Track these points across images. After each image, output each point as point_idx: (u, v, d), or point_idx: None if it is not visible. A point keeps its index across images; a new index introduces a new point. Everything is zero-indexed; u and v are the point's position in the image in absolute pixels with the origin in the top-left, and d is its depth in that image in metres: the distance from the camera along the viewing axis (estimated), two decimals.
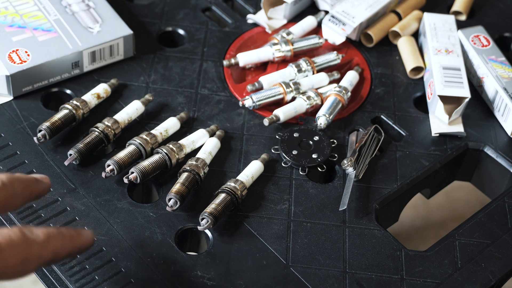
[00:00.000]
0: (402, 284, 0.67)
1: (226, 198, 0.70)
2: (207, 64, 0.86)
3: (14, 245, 0.53)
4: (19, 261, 0.53)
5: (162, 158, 0.73)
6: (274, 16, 0.92)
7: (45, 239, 0.55)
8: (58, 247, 0.56)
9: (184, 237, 0.70)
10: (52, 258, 0.56)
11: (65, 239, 0.57)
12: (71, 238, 0.57)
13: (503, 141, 0.81)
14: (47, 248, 0.55)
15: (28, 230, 0.55)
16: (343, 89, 0.81)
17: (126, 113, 0.77)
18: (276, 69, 0.86)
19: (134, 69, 0.84)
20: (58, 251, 0.56)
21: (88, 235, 0.59)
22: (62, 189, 0.71)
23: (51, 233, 0.56)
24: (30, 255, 0.54)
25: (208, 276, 0.66)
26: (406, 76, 0.88)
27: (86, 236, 0.59)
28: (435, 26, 0.89)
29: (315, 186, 0.75)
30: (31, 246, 0.54)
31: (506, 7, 0.98)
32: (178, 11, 0.91)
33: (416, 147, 0.80)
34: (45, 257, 0.55)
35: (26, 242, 0.54)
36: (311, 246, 0.69)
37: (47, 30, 0.81)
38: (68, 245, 0.57)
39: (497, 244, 0.71)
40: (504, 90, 0.82)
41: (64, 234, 0.57)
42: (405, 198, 0.78)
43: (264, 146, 0.78)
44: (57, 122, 0.74)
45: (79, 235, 0.58)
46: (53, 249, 0.55)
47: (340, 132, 0.80)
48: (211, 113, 0.80)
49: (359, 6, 0.90)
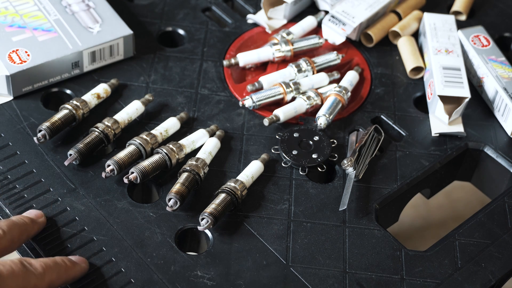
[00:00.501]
0: (402, 284, 0.67)
1: (226, 198, 0.70)
2: (207, 64, 0.86)
3: (14, 275, 0.58)
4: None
5: (162, 158, 0.72)
6: (274, 16, 0.92)
7: (42, 271, 0.60)
8: (53, 279, 0.61)
9: (184, 237, 0.70)
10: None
11: (60, 271, 0.62)
12: (66, 269, 0.62)
13: (503, 141, 0.81)
14: (43, 280, 0.60)
15: (28, 262, 0.60)
16: (343, 89, 0.81)
17: (126, 113, 0.77)
18: (276, 69, 0.86)
19: (134, 69, 0.84)
20: (53, 282, 0.61)
21: (82, 265, 0.64)
22: (62, 189, 0.71)
23: (48, 265, 0.61)
24: (28, 286, 0.59)
25: (208, 276, 0.66)
26: (406, 76, 0.88)
27: (80, 266, 0.64)
28: (435, 26, 0.89)
29: (315, 186, 0.75)
30: (29, 278, 0.59)
31: (506, 7, 0.98)
32: (178, 11, 0.91)
33: (416, 147, 0.80)
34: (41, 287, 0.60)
35: (25, 274, 0.59)
36: (311, 246, 0.69)
37: (47, 30, 0.81)
38: (63, 276, 0.62)
39: (497, 244, 0.71)
40: (504, 90, 0.82)
41: (60, 266, 0.62)
42: (405, 198, 0.78)
43: (264, 146, 0.78)
44: (57, 122, 0.74)
45: (74, 266, 0.63)
46: (48, 280, 0.61)
47: (340, 132, 0.80)
48: (211, 113, 0.80)
49: (359, 6, 0.90)
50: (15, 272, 0.58)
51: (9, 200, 0.69)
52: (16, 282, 0.58)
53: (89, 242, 0.67)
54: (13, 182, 0.71)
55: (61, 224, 0.68)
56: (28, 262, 0.60)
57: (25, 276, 0.59)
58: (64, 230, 0.68)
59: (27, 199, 0.70)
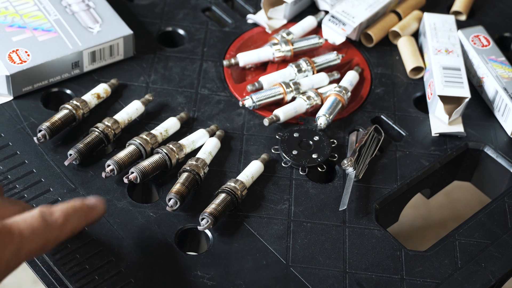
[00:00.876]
0: (402, 284, 0.67)
1: (226, 198, 0.70)
2: (207, 64, 0.86)
3: (35, 233, 0.55)
4: (40, 246, 0.56)
5: (162, 158, 0.72)
6: (274, 16, 0.92)
7: (63, 221, 0.57)
8: (75, 226, 0.58)
9: (184, 237, 0.70)
10: (69, 236, 0.58)
11: (80, 217, 0.59)
12: (85, 214, 0.60)
13: (503, 141, 0.81)
14: (65, 230, 0.57)
15: (48, 212, 0.57)
16: (343, 89, 0.81)
17: (126, 113, 0.77)
18: (276, 69, 0.86)
19: (134, 69, 0.84)
20: (74, 229, 0.58)
21: (100, 206, 0.61)
22: (62, 189, 0.71)
23: (69, 214, 0.58)
24: (50, 239, 0.56)
25: (208, 276, 0.66)
26: (406, 76, 0.88)
27: (98, 208, 0.61)
28: (435, 26, 0.89)
29: (315, 186, 0.75)
30: (50, 231, 0.56)
31: (506, 7, 0.98)
32: (178, 11, 0.91)
33: (416, 147, 0.80)
34: (63, 237, 0.58)
35: (46, 228, 0.56)
36: (311, 246, 0.69)
37: (47, 30, 0.81)
38: (83, 221, 0.59)
39: (497, 244, 0.71)
40: (504, 90, 0.82)
41: (79, 212, 0.59)
42: (405, 198, 0.78)
43: (264, 146, 0.78)
44: (57, 122, 0.74)
45: (92, 210, 0.60)
46: (70, 229, 0.58)
47: (340, 132, 0.80)
48: (211, 113, 0.80)
49: (359, 6, 0.90)
50: (35, 229, 0.55)
51: None
52: (37, 239, 0.55)
53: (89, 242, 0.67)
54: (13, 182, 0.71)
55: None
56: (48, 212, 0.57)
57: (46, 230, 0.56)
58: None
59: (27, 199, 0.70)
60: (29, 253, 0.55)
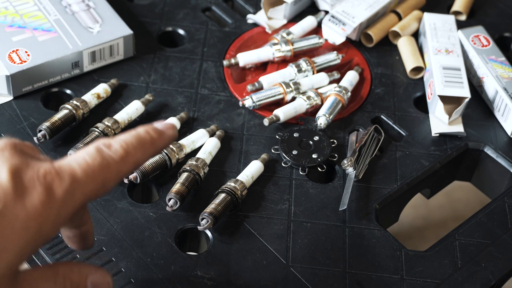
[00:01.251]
0: (402, 284, 0.67)
1: (226, 198, 0.70)
2: (207, 64, 0.86)
3: (91, 172, 0.49)
4: (98, 186, 0.50)
5: (162, 158, 0.73)
6: (274, 16, 0.92)
7: (123, 153, 0.51)
8: (139, 158, 0.52)
9: (184, 237, 0.70)
10: (133, 169, 0.52)
11: (145, 147, 0.52)
12: (152, 143, 0.53)
13: (503, 141, 0.81)
14: (127, 163, 0.51)
15: (106, 145, 0.51)
16: (343, 89, 0.81)
17: (126, 113, 0.77)
18: (276, 69, 0.86)
19: (134, 69, 0.84)
20: (138, 160, 0.52)
21: (170, 131, 0.54)
22: None
23: (130, 144, 0.51)
24: (109, 176, 0.50)
25: (208, 276, 0.66)
26: (406, 76, 0.88)
27: (167, 134, 0.54)
28: (435, 26, 0.89)
29: (315, 186, 0.75)
30: (109, 167, 0.50)
31: (506, 7, 0.98)
32: (178, 11, 0.91)
33: (416, 147, 0.80)
34: (125, 171, 0.51)
35: (103, 164, 0.50)
36: (311, 246, 0.69)
37: (47, 30, 0.81)
38: (149, 151, 0.53)
39: (497, 244, 0.71)
40: (504, 90, 0.82)
41: (144, 141, 0.52)
42: (405, 198, 0.78)
43: (264, 146, 0.78)
44: (57, 122, 0.74)
45: (160, 136, 0.53)
46: (133, 161, 0.52)
47: (340, 132, 0.80)
48: (211, 113, 0.80)
49: (359, 6, 0.90)
50: (91, 167, 0.49)
51: None
52: (94, 178, 0.49)
53: None
54: None
55: None
56: (106, 145, 0.50)
57: (104, 166, 0.50)
58: None
59: None
60: (86, 195, 0.49)
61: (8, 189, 0.47)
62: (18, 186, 0.47)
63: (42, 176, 0.48)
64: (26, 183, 0.47)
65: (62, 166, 0.49)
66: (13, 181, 0.47)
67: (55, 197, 0.48)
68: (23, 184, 0.47)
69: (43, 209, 0.47)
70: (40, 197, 0.47)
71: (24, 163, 0.48)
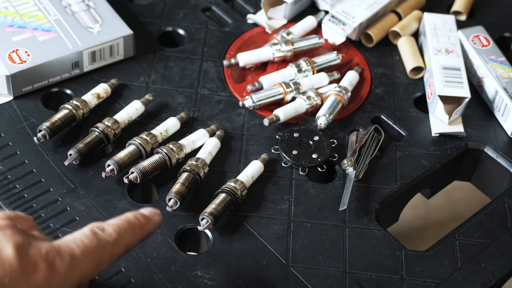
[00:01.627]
0: (402, 284, 0.67)
1: (226, 198, 0.70)
2: (207, 64, 0.86)
3: (88, 252, 0.53)
4: (94, 266, 0.53)
5: (162, 158, 0.72)
6: (274, 16, 0.92)
7: (116, 236, 0.54)
8: (130, 241, 0.55)
9: (184, 237, 0.70)
10: (124, 253, 0.55)
11: (135, 231, 0.56)
12: (140, 227, 0.56)
13: (503, 141, 0.81)
14: (119, 246, 0.54)
15: (100, 228, 0.54)
16: (343, 89, 0.81)
17: (126, 113, 0.77)
18: (276, 69, 0.86)
19: (134, 69, 0.84)
20: (129, 244, 0.55)
21: (156, 218, 0.58)
22: (62, 189, 0.71)
23: (122, 228, 0.55)
24: (103, 258, 0.54)
25: (208, 276, 0.66)
26: (406, 76, 0.88)
27: (153, 220, 0.58)
28: (435, 26, 0.89)
29: (315, 186, 0.75)
30: (103, 248, 0.54)
31: (506, 7, 0.98)
32: (178, 11, 0.91)
33: (416, 147, 0.80)
34: (118, 254, 0.55)
35: (99, 246, 0.53)
36: (311, 246, 0.69)
37: (47, 30, 0.81)
38: (138, 235, 0.56)
39: (497, 244, 0.71)
40: (504, 90, 0.82)
41: (134, 225, 0.56)
42: (405, 198, 0.78)
43: (264, 146, 0.78)
44: (57, 122, 0.74)
45: (148, 221, 0.57)
46: (125, 244, 0.55)
47: (340, 132, 0.80)
48: (211, 113, 0.80)
49: (359, 6, 0.90)
50: (88, 248, 0.52)
51: (9, 200, 0.69)
52: (90, 259, 0.52)
53: None
54: (13, 182, 0.71)
55: (61, 224, 0.68)
56: (100, 228, 0.54)
57: (100, 248, 0.53)
58: (64, 230, 0.68)
59: (27, 199, 0.70)
60: (83, 274, 0.52)
61: (14, 265, 0.49)
62: (23, 262, 0.50)
63: (44, 254, 0.51)
64: (30, 260, 0.50)
65: (61, 245, 0.52)
66: (19, 257, 0.50)
67: (57, 274, 0.51)
68: (28, 261, 0.50)
69: (45, 284, 0.50)
70: (44, 274, 0.50)
71: (26, 242, 0.51)
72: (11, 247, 0.50)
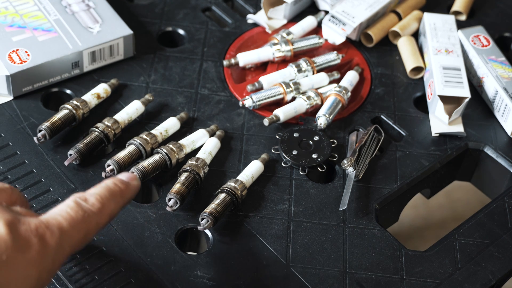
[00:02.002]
0: (402, 284, 0.67)
1: (226, 198, 0.70)
2: (207, 64, 0.86)
3: (75, 223, 0.53)
4: (82, 236, 0.54)
5: (162, 158, 0.72)
6: (274, 16, 0.92)
7: (100, 206, 0.55)
8: (113, 209, 0.56)
9: (184, 237, 0.70)
10: (108, 221, 0.56)
11: (116, 198, 0.57)
12: (121, 193, 0.57)
13: (503, 141, 0.81)
14: (103, 214, 0.55)
15: (83, 199, 0.55)
16: (343, 89, 0.81)
17: (126, 113, 0.77)
18: (276, 69, 0.86)
19: (134, 69, 0.84)
20: (113, 212, 0.56)
21: (134, 182, 0.59)
22: (62, 189, 0.71)
23: (104, 196, 0.56)
24: (90, 227, 0.54)
25: (208, 276, 0.66)
26: (406, 76, 0.88)
27: (132, 185, 0.59)
28: (435, 26, 0.89)
29: (315, 186, 0.75)
30: (89, 218, 0.54)
31: (506, 7, 0.98)
32: (178, 11, 0.91)
33: (416, 147, 0.80)
34: (103, 223, 0.56)
35: (85, 216, 0.54)
36: (311, 246, 0.69)
37: (47, 30, 0.81)
38: (120, 202, 0.57)
39: (497, 244, 0.71)
40: (504, 90, 0.82)
41: (115, 192, 0.57)
42: (405, 198, 0.78)
43: (264, 146, 0.78)
44: (57, 122, 0.74)
45: (127, 187, 0.58)
46: (108, 213, 0.56)
47: (340, 132, 0.80)
48: (211, 113, 0.80)
49: (359, 6, 0.90)
50: (74, 219, 0.53)
51: None
52: (78, 229, 0.53)
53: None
54: (13, 182, 0.71)
55: None
56: (83, 199, 0.55)
57: (85, 218, 0.54)
58: None
59: (27, 199, 0.70)
60: (72, 246, 0.53)
61: (8, 241, 0.50)
62: (16, 239, 0.50)
63: (35, 229, 0.51)
64: (23, 236, 0.51)
65: (49, 219, 0.53)
66: (11, 234, 0.50)
67: (49, 248, 0.51)
68: (20, 237, 0.51)
69: (40, 259, 0.51)
70: (36, 248, 0.51)
71: (15, 218, 0.51)
72: (2, 225, 0.50)
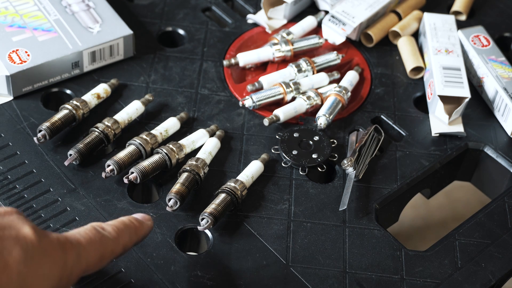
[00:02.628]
0: (402, 284, 0.67)
1: (226, 198, 0.70)
2: (207, 64, 0.86)
3: (92, 243, 0.56)
4: (98, 258, 0.56)
5: (162, 158, 0.72)
6: (274, 16, 0.92)
7: (116, 235, 0.58)
8: (127, 241, 0.59)
9: (184, 237, 0.70)
10: (122, 252, 0.59)
11: (131, 233, 0.60)
12: (135, 230, 0.60)
13: (503, 141, 0.81)
14: (118, 244, 0.58)
15: (100, 227, 0.58)
16: (343, 89, 0.81)
17: (126, 113, 0.77)
18: (276, 69, 0.86)
19: (134, 69, 0.84)
20: (126, 244, 0.59)
21: (148, 223, 0.62)
22: (62, 189, 0.71)
23: (120, 228, 0.59)
24: (106, 252, 0.57)
25: (208, 276, 0.66)
26: (406, 76, 0.88)
27: (146, 225, 0.62)
28: (435, 26, 0.89)
29: (315, 186, 0.75)
30: (106, 243, 0.57)
31: (506, 7, 0.98)
32: (178, 11, 0.91)
33: (416, 147, 0.80)
34: (117, 252, 0.59)
35: (102, 239, 0.57)
36: (311, 246, 0.69)
37: (47, 30, 0.81)
38: (134, 238, 0.60)
39: (497, 244, 0.71)
40: (504, 90, 0.82)
41: (130, 227, 0.60)
42: (405, 198, 0.78)
43: (264, 146, 0.78)
44: (57, 122, 0.74)
45: (142, 225, 0.61)
46: (123, 243, 0.59)
47: (340, 132, 0.80)
48: (211, 113, 0.80)
49: (359, 6, 0.90)
50: (92, 239, 0.56)
51: (9, 200, 0.69)
52: (94, 248, 0.56)
53: None
54: (13, 182, 0.71)
55: (61, 224, 0.68)
56: (100, 227, 0.58)
57: (102, 241, 0.57)
58: (64, 230, 0.68)
59: (27, 199, 0.70)
60: (88, 263, 0.56)
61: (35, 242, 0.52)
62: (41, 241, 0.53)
63: (56, 238, 0.54)
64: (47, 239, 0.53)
65: (67, 234, 0.56)
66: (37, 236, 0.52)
67: (69, 255, 0.54)
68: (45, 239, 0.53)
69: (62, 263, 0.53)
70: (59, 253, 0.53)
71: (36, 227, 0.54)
72: (28, 227, 0.52)
